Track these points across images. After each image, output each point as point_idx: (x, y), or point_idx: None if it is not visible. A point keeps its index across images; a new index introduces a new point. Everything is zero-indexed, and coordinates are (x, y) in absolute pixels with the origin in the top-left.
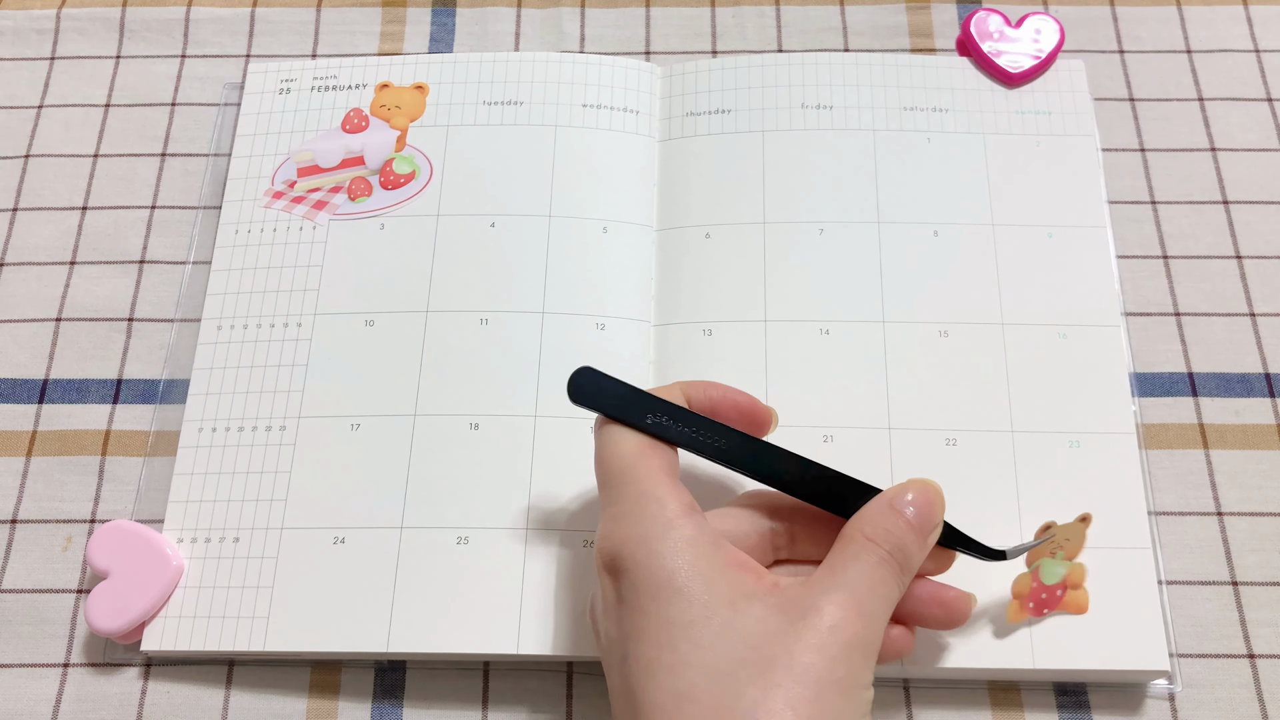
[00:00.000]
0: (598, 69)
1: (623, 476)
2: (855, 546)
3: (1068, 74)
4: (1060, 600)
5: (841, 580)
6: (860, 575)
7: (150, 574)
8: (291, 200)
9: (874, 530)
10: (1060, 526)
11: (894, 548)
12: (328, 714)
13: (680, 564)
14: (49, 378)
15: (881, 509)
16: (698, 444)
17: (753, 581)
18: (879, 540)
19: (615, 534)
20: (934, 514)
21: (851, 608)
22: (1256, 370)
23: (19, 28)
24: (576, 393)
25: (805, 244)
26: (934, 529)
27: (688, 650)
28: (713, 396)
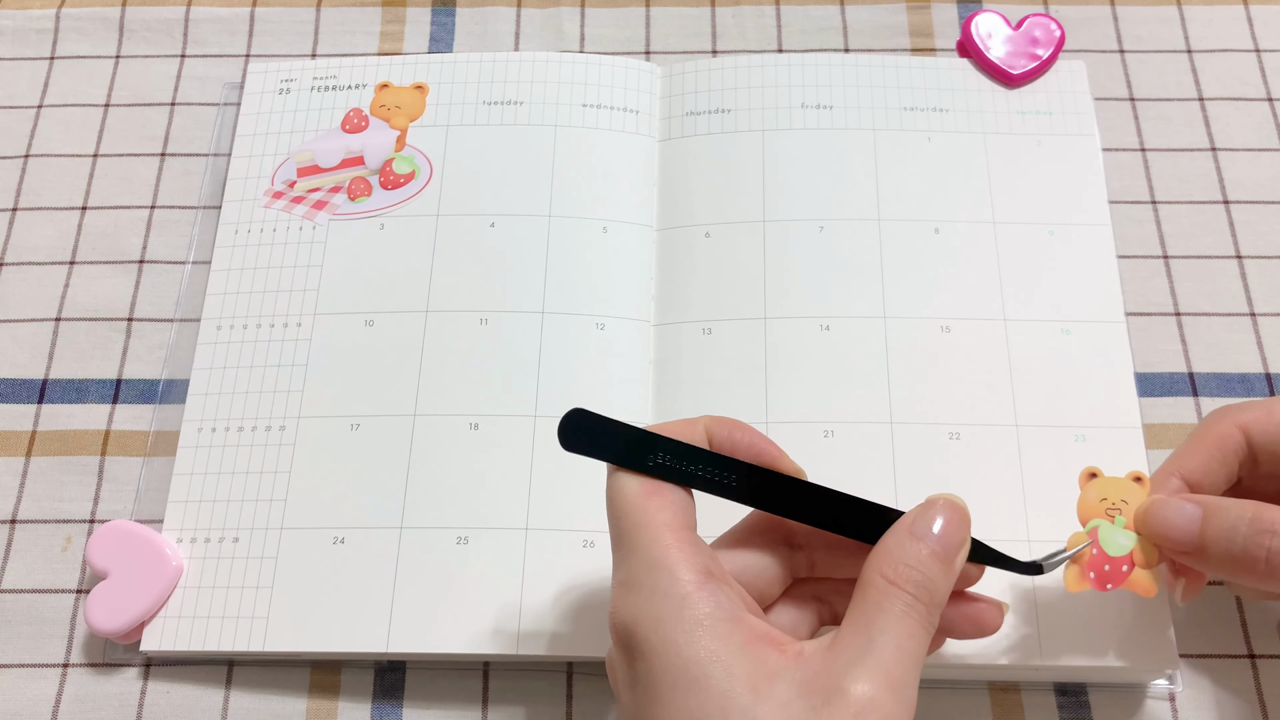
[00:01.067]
0: (597, 69)
1: (631, 537)
2: (876, 594)
3: (1068, 74)
4: (1125, 577)
5: (865, 646)
6: (885, 634)
7: (150, 574)
8: (291, 200)
9: (895, 569)
10: (1107, 480)
11: (918, 586)
12: (328, 714)
13: (697, 651)
14: (48, 378)
15: (901, 540)
16: (707, 483)
17: (775, 657)
18: (901, 581)
19: (626, 609)
20: (960, 535)
21: (880, 682)
22: (1257, 370)
23: (19, 28)
24: (569, 439)
25: (805, 241)
26: (960, 552)
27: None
28: (736, 439)
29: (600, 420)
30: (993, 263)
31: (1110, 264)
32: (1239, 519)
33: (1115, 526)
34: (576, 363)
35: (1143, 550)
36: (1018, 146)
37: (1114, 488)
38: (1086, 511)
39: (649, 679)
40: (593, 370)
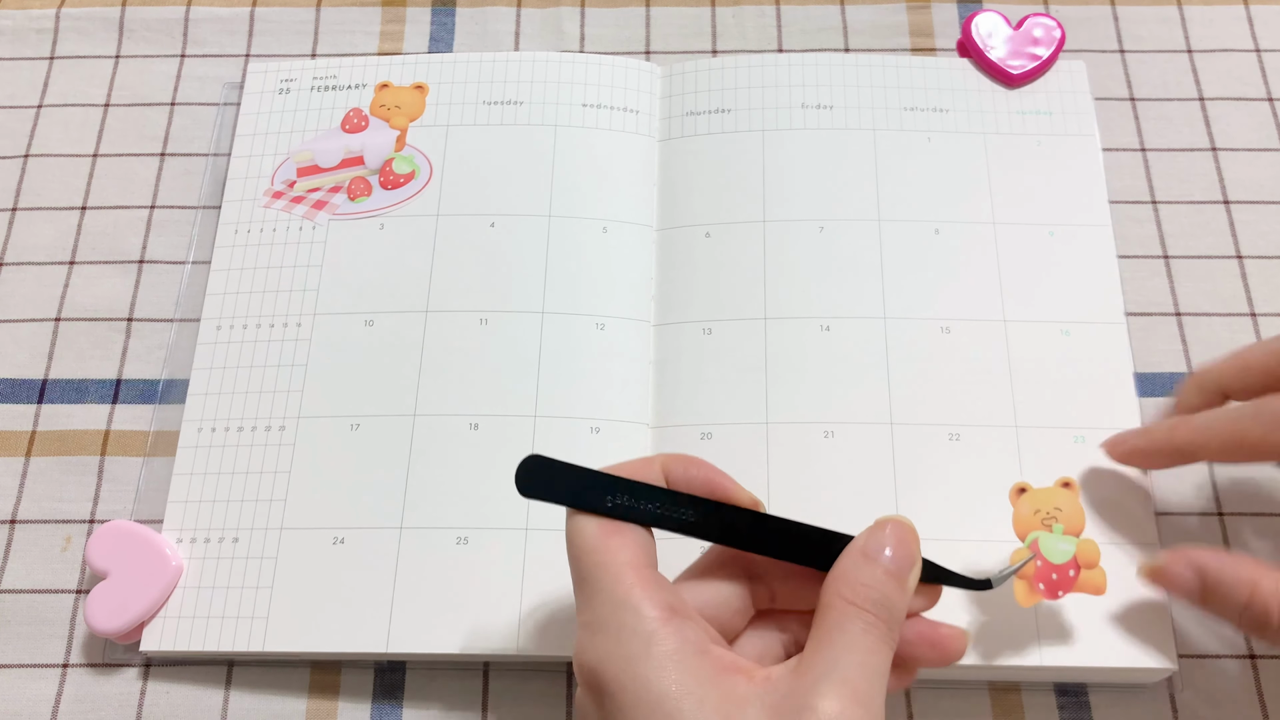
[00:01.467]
0: (597, 69)
1: (593, 577)
2: (836, 614)
3: (1069, 74)
4: (1074, 581)
5: (830, 664)
6: (848, 652)
7: (149, 574)
8: (291, 200)
9: (852, 590)
10: (1037, 492)
11: (876, 604)
12: (327, 714)
13: (668, 685)
14: (48, 378)
15: (855, 561)
16: (664, 520)
17: (744, 684)
18: (859, 601)
19: (592, 650)
20: (910, 553)
21: (847, 696)
22: None
23: (18, 28)
24: (526, 486)
25: (805, 242)
26: (913, 569)
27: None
28: (692, 476)
29: (556, 465)
30: (992, 263)
31: (1110, 265)
32: (1236, 595)
33: (1054, 535)
34: (576, 363)
35: (1085, 552)
36: (1018, 147)
37: (1045, 498)
38: (1023, 526)
39: (621, 717)
40: (593, 370)
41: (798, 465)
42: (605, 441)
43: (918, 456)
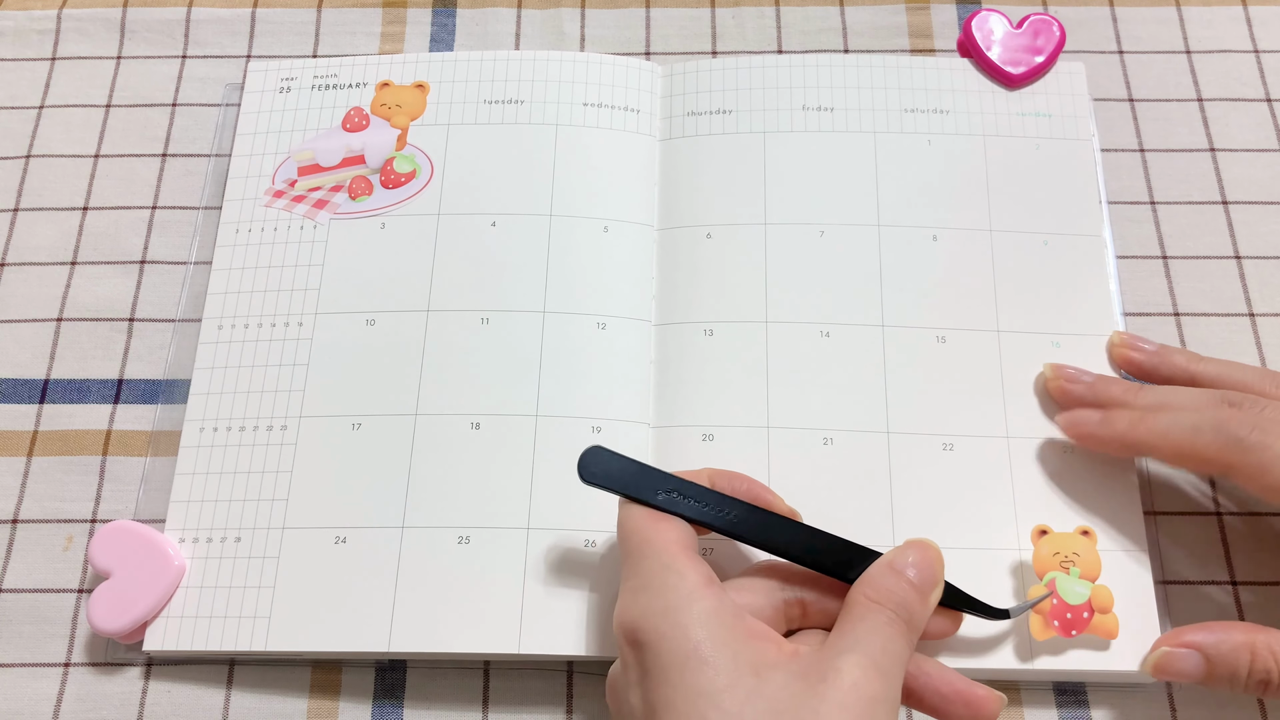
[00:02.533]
0: (598, 68)
1: (640, 550)
2: (860, 609)
3: (1068, 76)
4: (1088, 623)
5: (853, 642)
6: (870, 634)
7: (152, 574)
8: (292, 199)
9: (877, 592)
10: (1057, 535)
11: (898, 606)
12: (328, 714)
13: (705, 635)
14: (50, 378)
15: (883, 570)
16: (708, 517)
17: (774, 651)
18: (883, 600)
19: (635, 606)
20: (934, 572)
21: (869, 665)
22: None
23: (19, 28)
24: (587, 472)
25: (806, 246)
26: (935, 587)
27: (717, 718)
28: (736, 487)
29: (616, 457)
30: (988, 274)
31: (1104, 273)
32: (1239, 664)
33: (1071, 578)
34: (578, 362)
35: (1100, 597)
36: (1017, 149)
37: (1065, 542)
38: (1042, 566)
39: (657, 665)
40: (594, 370)
41: (798, 470)
42: (606, 441)
43: (912, 467)
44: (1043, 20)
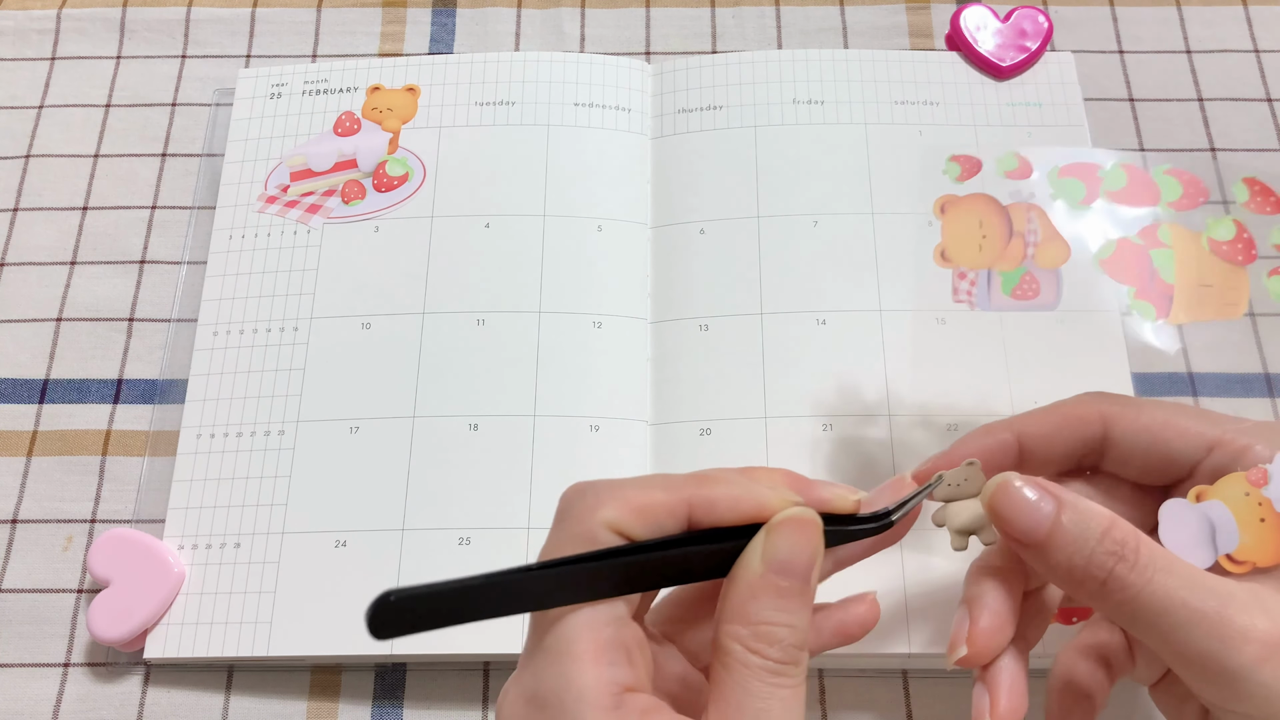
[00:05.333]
0: (589, 67)
1: (541, 644)
2: (738, 667)
3: (1057, 66)
4: (1090, 613)
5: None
6: (756, 710)
7: (152, 581)
8: (285, 204)
9: (752, 631)
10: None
11: (783, 648)
12: (328, 715)
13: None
14: (49, 378)
15: (751, 588)
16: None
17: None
18: (762, 648)
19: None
20: (809, 555)
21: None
22: (1256, 371)
23: (19, 28)
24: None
25: (799, 236)
26: (814, 569)
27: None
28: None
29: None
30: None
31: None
32: (1092, 529)
33: None
34: (574, 361)
35: None
36: (1008, 139)
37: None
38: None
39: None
40: (591, 369)
41: (798, 459)
42: (605, 439)
43: (916, 450)
44: (1029, 12)
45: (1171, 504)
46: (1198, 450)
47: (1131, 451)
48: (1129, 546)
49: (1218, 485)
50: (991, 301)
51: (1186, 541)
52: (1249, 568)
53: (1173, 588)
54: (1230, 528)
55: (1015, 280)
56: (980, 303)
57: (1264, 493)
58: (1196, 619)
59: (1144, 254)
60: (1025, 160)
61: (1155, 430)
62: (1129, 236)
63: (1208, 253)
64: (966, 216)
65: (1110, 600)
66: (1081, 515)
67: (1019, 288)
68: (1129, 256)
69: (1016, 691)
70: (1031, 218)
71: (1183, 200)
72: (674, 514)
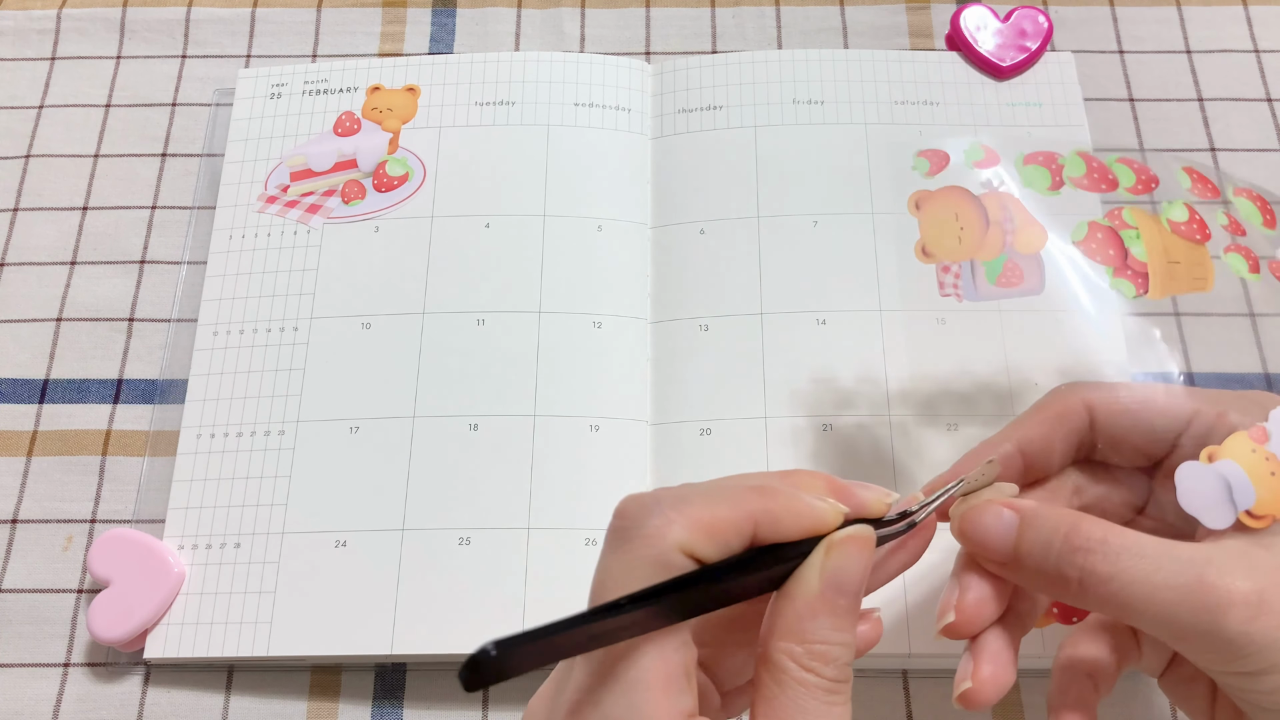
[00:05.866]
0: (589, 67)
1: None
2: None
3: (1057, 66)
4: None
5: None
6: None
7: (152, 582)
8: (285, 205)
9: (807, 650)
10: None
11: (837, 666)
12: (328, 715)
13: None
14: (50, 378)
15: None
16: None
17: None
18: (816, 667)
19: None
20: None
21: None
22: (1256, 370)
23: (19, 28)
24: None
25: (799, 236)
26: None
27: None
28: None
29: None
30: None
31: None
32: (1054, 532)
33: None
34: (574, 361)
35: None
36: (1008, 138)
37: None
38: None
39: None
40: (591, 369)
41: (798, 459)
42: (605, 439)
43: (916, 450)
44: (1029, 12)
45: (1186, 467)
46: (1177, 423)
47: (1117, 434)
48: (1095, 540)
49: (1226, 445)
50: (979, 291)
51: (1205, 503)
52: (1269, 521)
53: (1147, 571)
54: (1245, 484)
55: (999, 268)
56: (968, 294)
57: (1268, 448)
58: (1178, 596)
59: (1114, 234)
60: (990, 150)
61: (1135, 410)
62: (1097, 219)
63: (1169, 233)
64: (942, 210)
65: (1090, 597)
66: (1042, 522)
67: (1003, 275)
68: (1101, 237)
69: (1002, 661)
70: (1006, 205)
71: (1137, 186)
72: (740, 532)
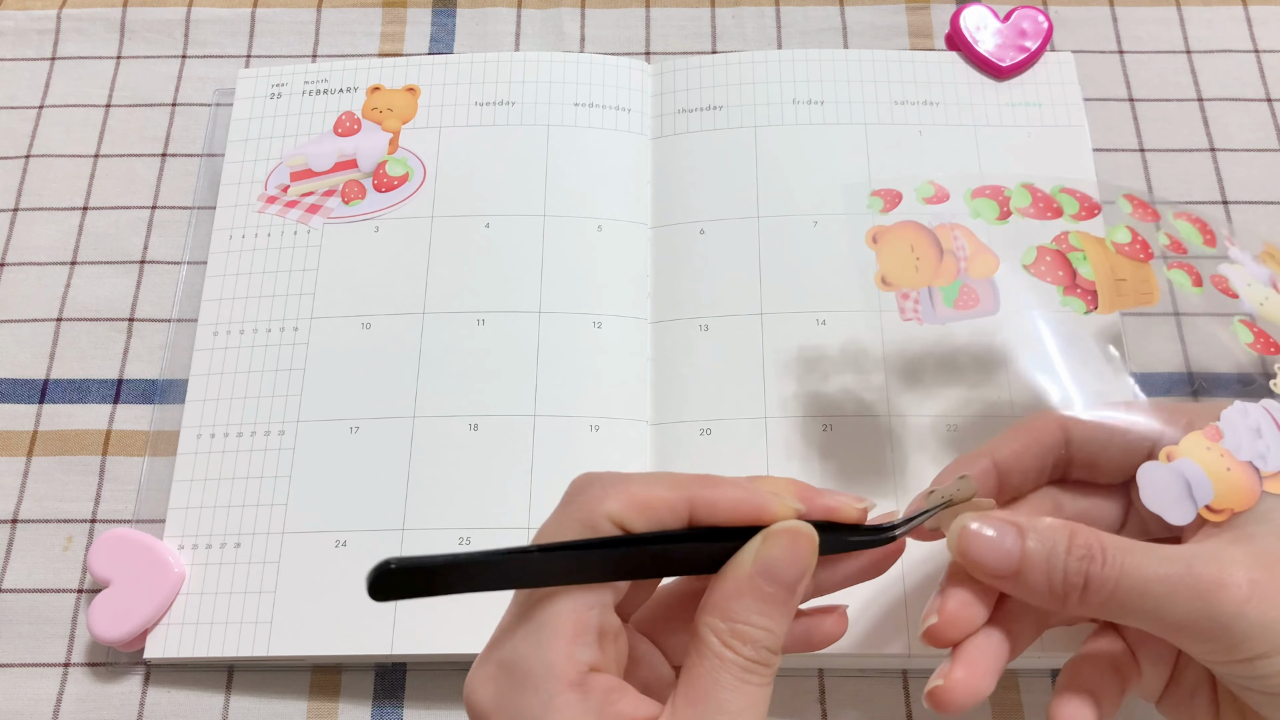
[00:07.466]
0: (589, 67)
1: (521, 616)
2: (712, 658)
3: (1057, 66)
4: None
5: None
6: (729, 717)
7: (152, 581)
8: (285, 205)
9: (731, 628)
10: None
11: (757, 647)
12: (328, 715)
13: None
14: (50, 378)
15: (739, 586)
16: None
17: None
18: (738, 645)
19: (488, 691)
20: (800, 569)
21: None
22: (1256, 370)
23: (19, 28)
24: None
25: (800, 237)
26: (802, 582)
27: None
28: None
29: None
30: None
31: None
32: (1056, 545)
33: None
34: (575, 361)
35: None
36: (1008, 139)
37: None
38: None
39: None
40: (591, 369)
41: (798, 459)
42: (605, 439)
43: (915, 450)
44: (1029, 12)
45: (1147, 467)
46: (1147, 437)
47: (1092, 452)
48: (1094, 547)
49: (1182, 444)
50: (937, 314)
51: (1167, 500)
52: (1228, 514)
53: (1141, 565)
54: (1203, 480)
55: (955, 293)
56: (927, 317)
57: (1222, 445)
58: (1172, 586)
59: (1061, 257)
60: (940, 186)
61: (1108, 427)
62: (1045, 243)
63: (1114, 253)
64: (898, 243)
65: (1093, 602)
66: (1044, 535)
67: (959, 299)
68: (1049, 260)
69: (978, 668)
70: (957, 235)
71: (1081, 213)
72: (675, 511)
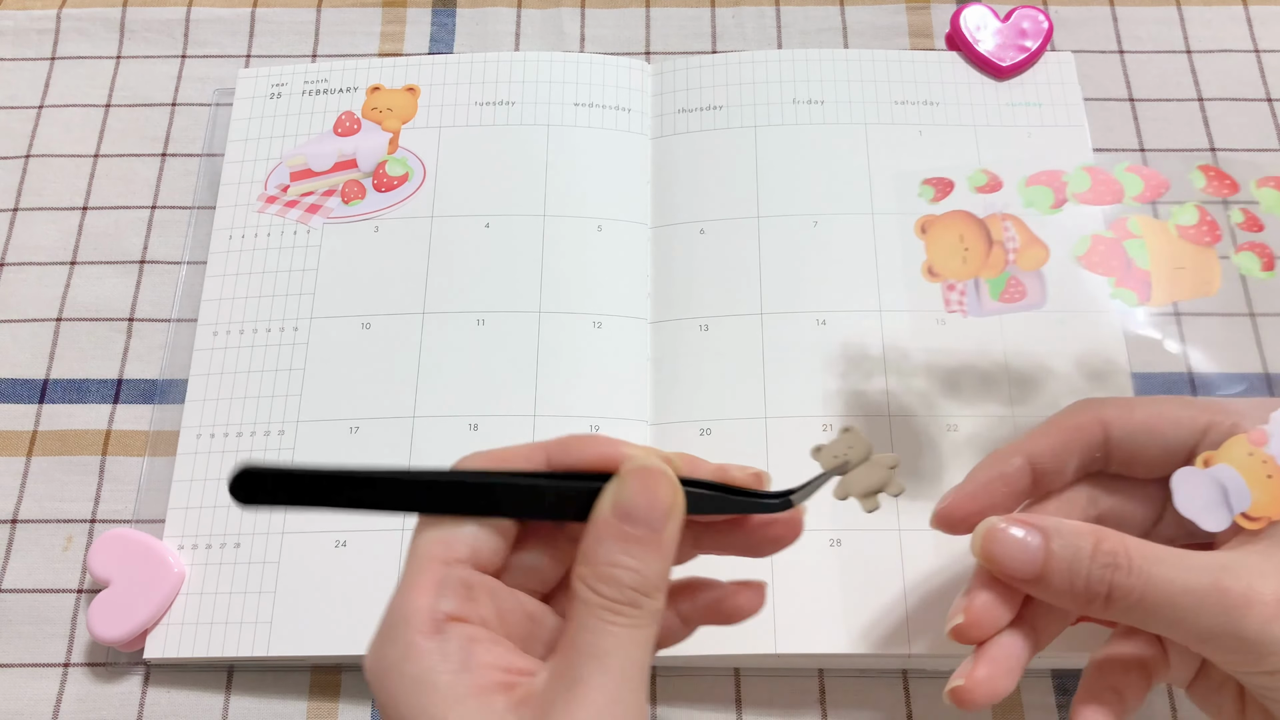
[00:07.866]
0: (589, 67)
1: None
2: (582, 607)
3: (1057, 66)
4: None
5: (573, 681)
6: (596, 658)
7: (151, 581)
8: (285, 204)
9: (596, 573)
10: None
11: (623, 589)
12: (328, 715)
13: (413, 704)
14: (49, 377)
15: (598, 533)
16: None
17: (501, 702)
18: (604, 588)
19: (369, 648)
20: (661, 505)
21: (606, 701)
22: (1256, 370)
23: (19, 28)
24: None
25: (800, 236)
26: (670, 520)
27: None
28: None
29: (271, 472)
30: None
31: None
32: (1080, 550)
33: None
34: (574, 361)
35: None
36: (1008, 138)
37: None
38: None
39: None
40: (591, 369)
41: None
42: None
43: (917, 450)
44: (1030, 12)
45: (1182, 472)
46: (1192, 435)
47: (1133, 449)
48: (1120, 554)
49: (1222, 449)
50: (982, 307)
51: (1202, 506)
52: (1264, 523)
53: (1168, 576)
54: (1241, 487)
55: (1001, 285)
56: (972, 310)
57: (1266, 450)
58: (1198, 599)
59: (1117, 245)
60: (994, 175)
61: (1151, 424)
62: (1100, 231)
63: (1176, 238)
64: (947, 233)
65: (1116, 608)
66: (1069, 539)
67: (1006, 292)
68: (1104, 249)
69: (1002, 667)
70: (1008, 225)
71: (1145, 193)
72: (530, 460)
